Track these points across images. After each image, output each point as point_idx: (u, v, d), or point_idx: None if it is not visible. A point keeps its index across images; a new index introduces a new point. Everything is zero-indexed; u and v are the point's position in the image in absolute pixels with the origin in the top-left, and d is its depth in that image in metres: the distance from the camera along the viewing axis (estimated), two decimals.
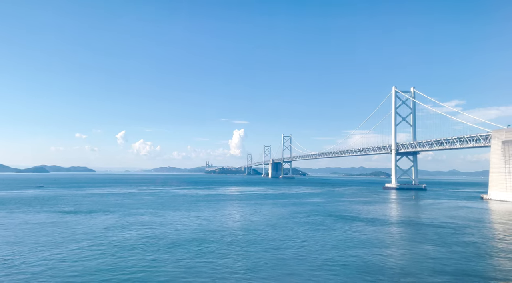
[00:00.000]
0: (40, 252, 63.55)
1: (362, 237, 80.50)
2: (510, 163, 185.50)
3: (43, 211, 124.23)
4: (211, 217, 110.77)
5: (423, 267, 56.61)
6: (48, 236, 77.62)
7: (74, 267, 54.55)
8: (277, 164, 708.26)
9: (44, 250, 64.69)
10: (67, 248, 66.80)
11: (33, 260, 58.25)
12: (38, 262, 56.86)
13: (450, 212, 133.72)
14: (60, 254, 62.15)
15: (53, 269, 53.49)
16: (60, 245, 68.80)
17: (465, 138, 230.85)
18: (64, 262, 56.96)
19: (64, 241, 72.58)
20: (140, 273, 51.98)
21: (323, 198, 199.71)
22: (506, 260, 61.34)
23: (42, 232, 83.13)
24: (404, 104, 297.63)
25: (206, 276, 50.97)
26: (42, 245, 69.17)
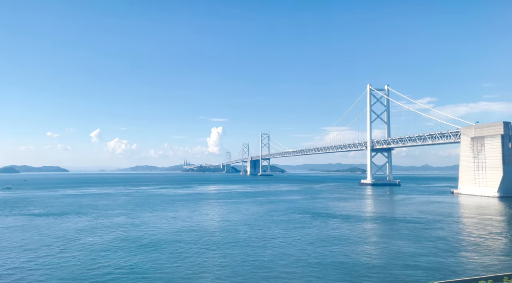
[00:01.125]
0: (8, 259, 61.03)
1: (337, 234, 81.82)
2: (479, 158, 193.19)
3: (12, 214, 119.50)
4: (188, 217, 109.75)
5: (396, 263, 58.10)
6: (17, 241, 74.70)
7: (44, 272, 52.72)
8: (255, 161, 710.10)
9: (13, 256, 62.20)
10: (37, 253, 64.50)
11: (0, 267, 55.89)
12: (5, 270, 54.59)
13: (422, 207, 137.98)
14: (30, 259, 59.92)
15: (22, 275, 51.49)
16: (30, 250, 66.34)
17: (436, 135, 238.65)
18: (34, 268, 54.95)
19: (34, 246, 70.05)
20: (114, 277, 50.83)
21: (301, 195, 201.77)
22: (474, 254, 63.83)
23: (11, 236, 79.91)
24: (378, 102, 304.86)
25: (182, 279, 50.43)
26: (10, 250, 66.47)
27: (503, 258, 60.71)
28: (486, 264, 56.93)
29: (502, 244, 71.66)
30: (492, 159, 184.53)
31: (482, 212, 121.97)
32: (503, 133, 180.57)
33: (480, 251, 65.58)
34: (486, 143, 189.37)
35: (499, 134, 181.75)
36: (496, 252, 64.63)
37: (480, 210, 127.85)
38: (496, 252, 64.64)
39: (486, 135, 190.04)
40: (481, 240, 75.25)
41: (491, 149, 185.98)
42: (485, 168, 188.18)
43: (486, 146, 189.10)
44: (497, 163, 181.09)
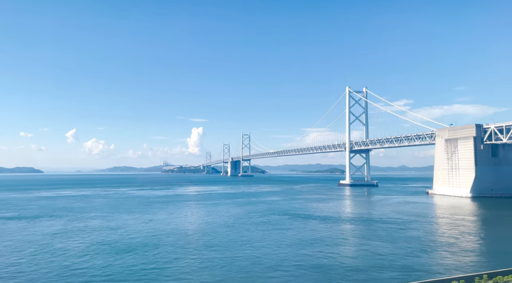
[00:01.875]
0: None
1: (316, 236, 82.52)
2: (452, 160, 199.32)
3: None
4: (166, 220, 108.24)
5: (372, 264, 59.08)
6: None
7: (16, 280, 50.75)
8: (236, 162, 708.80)
9: None
10: (8, 259, 62.06)
11: None
12: None
13: (398, 208, 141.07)
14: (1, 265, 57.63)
15: None
16: (1, 256, 63.84)
17: (412, 136, 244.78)
18: (4, 276, 52.82)
19: (5, 251, 67.37)
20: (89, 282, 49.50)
21: (281, 196, 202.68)
22: (447, 254, 65.66)
23: None
24: (357, 104, 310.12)
25: None
26: None
27: (475, 258, 62.73)
28: (458, 264, 58.65)
29: (473, 244, 74.05)
30: (465, 160, 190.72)
31: (455, 212, 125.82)
32: (475, 135, 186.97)
33: (452, 251, 67.53)
34: (459, 144, 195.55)
35: (472, 137, 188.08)
36: (467, 252, 66.71)
37: (453, 210, 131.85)
38: (468, 252, 66.72)
39: (459, 138, 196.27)
40: (453, 240, 77.53)
41: (464, 150, 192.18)
42: (459, 169, 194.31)
43: (459, 147, 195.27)
44: (470, 164, 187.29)
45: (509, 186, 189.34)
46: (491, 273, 48.06)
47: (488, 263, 58.85)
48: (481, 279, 45.91)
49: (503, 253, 65.90)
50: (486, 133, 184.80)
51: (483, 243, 75.31)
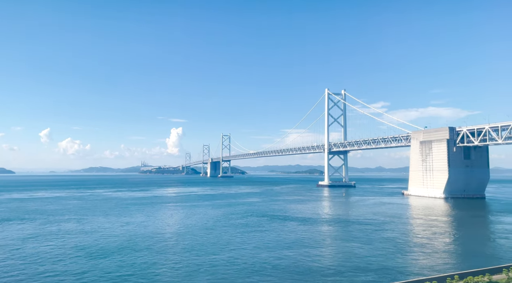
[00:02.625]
0: None
1: (294, 238, 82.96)
2: (427, 161, 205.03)
3: None
4: (143, 223, 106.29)
5: (349, 265, 59.87)
6: None
7: None
8: (216, 163, 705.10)
9: None
10: None
11: None
12: None
13: (374, 208, 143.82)
14: None
15: None
16: None
17: (389, 138, 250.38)
18: None
19: None
20: None
21: (261, 198, 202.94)
22: (420, 255, 67.35)
23: None
24: (336, 106, 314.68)
25: None
26: None
27: (446, 259, 64.59)
28: (431, 265, 60.22)
29: (445, 245, 76.27)
30: (438, 162, 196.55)
31: (429, 213, 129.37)
32: (449, 138, 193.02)
33: (425, 252, 69.33)
34: (433, 146, 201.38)
35: (445, 139, 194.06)
36: (440, 253, 68.63)
37: (427, 211, 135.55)
38: (440, 253, 68.65)
39: (433, 140, 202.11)
40: (426, 241, 79.64)
41: (437, 152, 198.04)
42: (433, 170, 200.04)
43: (433, 149, 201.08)
44: (443, 165, 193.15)
45: (480, 187, 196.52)
46: (462, 273, 49.60)
47: (459, 264, 60.74)
48: (452, 280, 47.26)
49: (473, 254, 68.18)
50: (459, 136, 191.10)
51: (454, 244, 77.70)
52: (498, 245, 76.51)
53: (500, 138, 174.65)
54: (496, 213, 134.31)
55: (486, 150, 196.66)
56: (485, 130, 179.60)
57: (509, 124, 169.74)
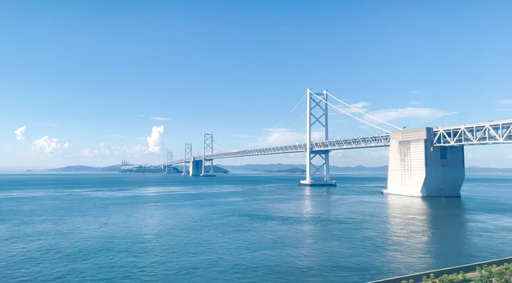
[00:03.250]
0: None
1: (275, 237, 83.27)
2: (405, 161, 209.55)
3: None
4: (122, 223, 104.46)
5: (328, 264, 60.55)
6: None
7: None
8: (198, 161, 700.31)
9: None
10: None
11: None
12: None
13: (354, 207, 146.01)
14: None
15: None
16: None
17: (369, 138, 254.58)
18: None
19: None
20: None
21: (243, 197, 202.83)
22: (397, 253, 68.78)
23: None
24: (318, 106, 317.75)
25: None
26: None
27: (423, 257, 66.18)
28: (408, 263, 61.58)
29: (422, 243, 78.17)
30: (416, 162, 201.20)
31: (406, 212, 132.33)
32: (426, 138, 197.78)
33: (403, 250, 70.87)
34: (411, 146, 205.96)
35: (423, 139, 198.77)
36: (416, 251, 70.29)
37: (405, 210, 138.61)
38: (417, 251, 70.31)
39: (411, 140, 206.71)
40: (404, 239, 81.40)
41: (415, 152, 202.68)
42: (411, 169, 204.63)
43: (411, 149, 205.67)
44: (421, 165, 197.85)
45: (455, 186, 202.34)
46: (437, 271, 50.92)
47: (435, 262, 62.31)
48: (428, 278, 48.47)
49: (448, 252, 70.13)
50: (436, 136, 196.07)
51: (431, 242, 79.72)
52: (472, 243, 78.96)
53: (474, 139, 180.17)
54: (471, 211, 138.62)
55: (461, 149, 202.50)
56: (460, 131, 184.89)
57: (483, 125, 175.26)
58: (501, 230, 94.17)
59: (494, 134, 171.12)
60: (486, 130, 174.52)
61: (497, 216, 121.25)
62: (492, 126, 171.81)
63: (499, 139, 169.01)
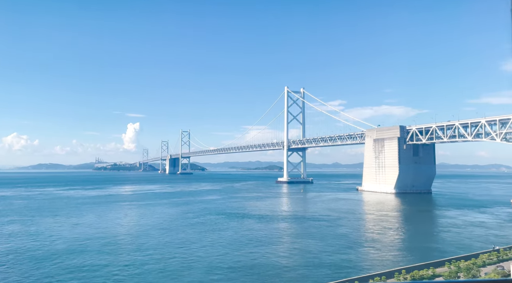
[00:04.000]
0: None
1: (251, 236, 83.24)
2: (380, 158, 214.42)
3: None
4: (95, 223, 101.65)
5: (304, 262, 61.07)
6: None
7: None
8: (175, 159, 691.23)
9: None
10: None
11: None
12: None
13: (330, 204, 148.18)
14: None
15: None
16: None
17: (344, 136, 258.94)
18: None
19: None
20: None
21: (220, 195, 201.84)
22: (371, 250, 70.23)
23: None
24: (295, 104, 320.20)
25: None
26: None
27: (396, 253, 67.88)
28: (381, 260, 62.99)
29: (394, 240, 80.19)
30: (390, 159, 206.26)
31: (380, 208, 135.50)
32: (399, 136, 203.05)
33: (376, 247, 72.43)
34: (385, 144, 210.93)
35: (396, 137, 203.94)
36: (389, 248, 72.02)
37: (379, 206, 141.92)
38: (390, 248, 72.05)
39: (385, 138, 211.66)
40: (377, 236, 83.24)
41: (389, 150, 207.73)
42: (385, 167, 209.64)
43: (385, 147, 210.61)
44: (394, 162, 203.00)
45: (427, 183, 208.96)
46: (408, 267, 52.34)
47: (407, 258, 64.02)
48: (399, 275, 49.71)
49: (419, 248, 72.18)
50: (409, 134, 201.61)
51: (403, 238, 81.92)
52: (441, 238, 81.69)
53: (445, 137, 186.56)
54: (441, 207, 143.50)
55: (433, 147, 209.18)
56: (432, 129, 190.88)
57: (453, 124, 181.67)
58: (469, 225, 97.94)
59: (464, 133, 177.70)
60: (456, 129, 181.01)
61: (466, 212, 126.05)
62: (461, 124, 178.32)
63: (468, 138, 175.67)
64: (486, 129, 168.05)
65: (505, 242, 72.80)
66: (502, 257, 56.85)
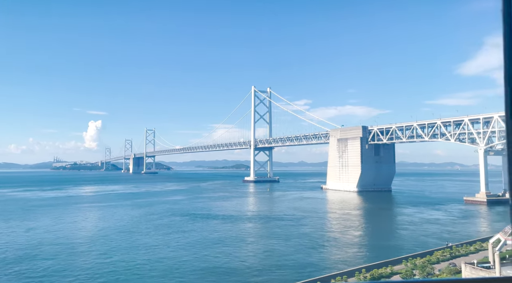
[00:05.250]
0: None
1: (215, 237, 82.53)
2: (343, 158, 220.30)
3: None
4: (51, 227, 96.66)
5: (268, 263, 61.36)
6: None
7: None
8: (139, 158, 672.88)
9: None
10: None
11: None
12: None
13: (294, 203, 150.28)
14: None
15: None
16: None
17: (310, 136, 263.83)
18: None
19: None
20: None
21: (186, 195, 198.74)
22: (333, 249, 71.88)
23: None
24: (262, 103, 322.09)
25: None
26: None
27: (356, 252, 69.90)
28: (343, 259, 64.58)
29: (355, 238, 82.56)
30: (353, 158, 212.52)
31: (342, 207, 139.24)
32: (362, 136, 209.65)
33: (338, 246, 74.23)
34: (349, 144, 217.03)
35: (359, 137, 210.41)
36: (350, 246, 74.07)
37: (341, 205, 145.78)
38: (351, 246, 74.10)
39: (349, 138, 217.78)
40: (339, 235, 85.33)
41: (352, 149, 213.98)
42: (348, 166, 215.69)
43: (349, 147, 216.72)
44: (357, 162, 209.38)
45: (387, 181, 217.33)
46: (368, 266, 53.99)
47: (367, 256, 66.01)
48: (360, 273, 51.17)
49: (379, 246, 74.70)
50: (371, 135, 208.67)
51: (363, 237, 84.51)
52: (400, 236, 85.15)
53: (404, 137, 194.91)
54: (399, 205, 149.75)
55: (393, 147, 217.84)
56: (392, 130, 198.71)
57: (411, 125, 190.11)
58: (425, 222, 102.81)
59: (421, 133, 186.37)
60: (414, 129, 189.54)
61: (422, 209, 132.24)
62: (419, 125, 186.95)
63: (425, 138, 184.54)
64: (441, 130, 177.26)
65: (457, 238, 77.04)
66: (455, 254, 60.14)
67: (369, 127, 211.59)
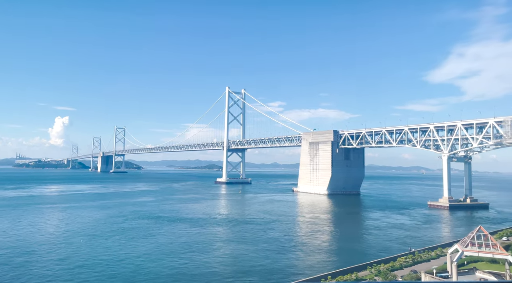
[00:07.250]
0: None
1: (182, 242, 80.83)
2: (314, 161, 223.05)
3: None
4: (7, 229, 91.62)
5: (235, 269, 60.65)
6: None
7: None
8: (108, 157, 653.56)
9: None
10: None
11: None
12: None
13: (265, 206, 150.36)
14: None
15: None
16: None
17: (283, 138, 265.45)
18: None
19: None
20: None
21: (156, 196, 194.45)
22: (301, 254, 72.09)
23: None
24: (236, 104, 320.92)
25: None
26: None
27: (324, 257, 70.43)
28: (310, 264, 64.84)
29: (323, 243, 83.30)
30: (324, 162, 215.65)
31: (312, 210, 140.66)
32: (333, 140, 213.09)
33: (305, 251, 74.58)
34: (320, 147, 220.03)
35: (330, 141, 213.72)
36: (317, 252, 74.60)
37: (311, 208, 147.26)
38: (318, 252, 74.64)
39: (320, 141, 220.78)
40: (307, 239, 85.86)
41: (323, 153, 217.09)
42: (319, 169, 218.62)
43: (320, 150, 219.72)
44: (327, 165, 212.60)
45: (356, 185, 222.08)
46: (334, 273, 54.39)
47: (333, 262, 66.70)
48: (325, 280, 51.46)
49: (345, 251, 75.74)
50: (341, 139, 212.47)
51: (331, 242, 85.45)
52: (365, 241, 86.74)
53: (373, 142, 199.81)
54: (367, 208, 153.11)
55: (362, 151, 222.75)
56: (362, 135, 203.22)
57: (380, 130, 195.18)
58: (390, 227, 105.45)
59: (389, 139, 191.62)
60: (383, 135, 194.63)
61: (388, 213, 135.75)
62: (387, 131, 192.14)
63: (393, 143, 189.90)
64: (408, 136, 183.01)
65: (420, 243, 79.42)
66: (417, 259, 61.74)
67: (340, 131, 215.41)
